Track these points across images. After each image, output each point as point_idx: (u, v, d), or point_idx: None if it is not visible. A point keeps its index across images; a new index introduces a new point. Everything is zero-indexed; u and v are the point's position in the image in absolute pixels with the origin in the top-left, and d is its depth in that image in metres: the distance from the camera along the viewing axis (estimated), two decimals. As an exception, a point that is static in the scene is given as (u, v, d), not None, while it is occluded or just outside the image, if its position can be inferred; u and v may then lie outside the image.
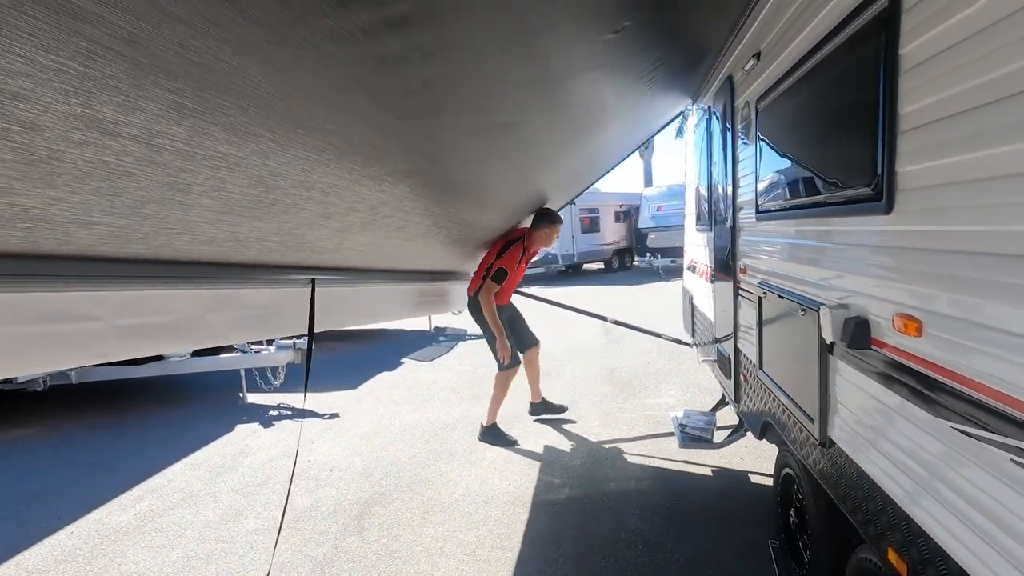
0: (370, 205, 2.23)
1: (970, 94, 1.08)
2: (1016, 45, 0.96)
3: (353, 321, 3.35)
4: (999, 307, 1.03)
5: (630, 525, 3.15)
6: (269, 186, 1.64)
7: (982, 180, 1.07)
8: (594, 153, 3.92)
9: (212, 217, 1.66)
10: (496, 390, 4.51)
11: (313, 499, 3.69)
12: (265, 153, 1.45)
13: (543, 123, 2.47)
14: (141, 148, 1.18)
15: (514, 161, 2.83)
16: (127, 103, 1.03)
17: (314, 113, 1.40)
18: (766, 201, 2.46)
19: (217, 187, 1.50)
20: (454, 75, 1.56)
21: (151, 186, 1.36)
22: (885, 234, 1.42)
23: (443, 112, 1.78)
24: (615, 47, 1.99)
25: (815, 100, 1.91)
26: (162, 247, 1.74)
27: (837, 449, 1.77)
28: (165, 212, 1.52)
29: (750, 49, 2.59)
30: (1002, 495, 1.03)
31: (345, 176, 1.84)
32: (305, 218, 2.02)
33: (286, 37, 1.07)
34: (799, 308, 1.98)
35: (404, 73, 1.41)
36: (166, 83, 1.02)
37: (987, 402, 1.06)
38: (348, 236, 2.45)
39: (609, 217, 18.77)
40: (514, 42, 1.57)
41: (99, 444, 4.98)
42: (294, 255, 2.35)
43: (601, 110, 2.81)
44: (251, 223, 1.83)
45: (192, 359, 5.92)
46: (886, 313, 1.42)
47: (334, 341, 9.27)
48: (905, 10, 1.29)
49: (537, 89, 1.99)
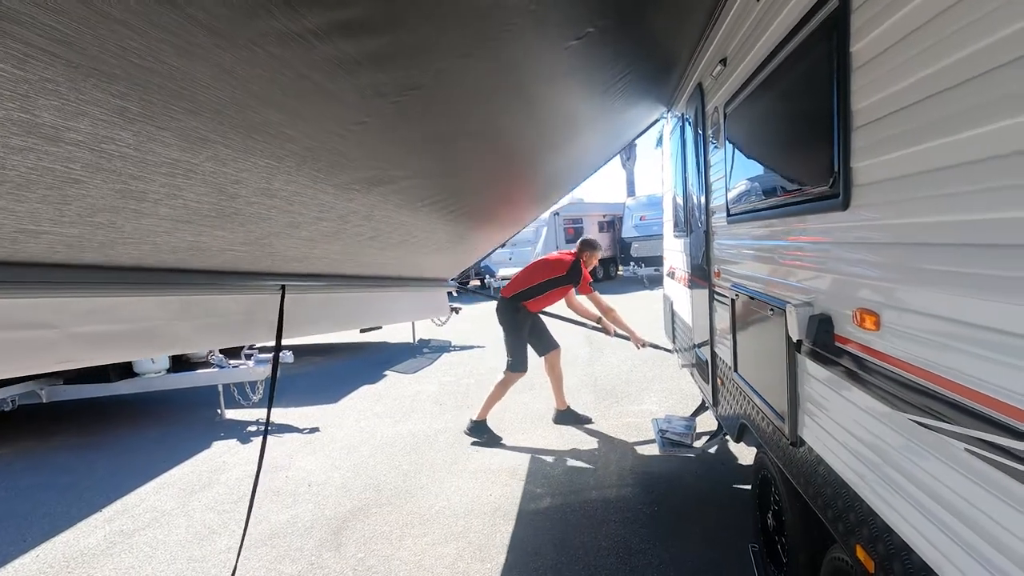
0: (339, 214, 2.19)
1: (916, 87, 1.10)
2: (955, 37, 0.97)
3: (327, 328, 3.30)
4: (951, 298, 1.03)
5: (611, 533, 3.12)
6: (229, 194, 1.61)
7: (931, 172, 1.08)
8: (571, 159, 3.92)
9: (171, 226, 1.62)
10: (496, 389, 4.65)
11: (290, 515, 3.61)
12: (221, 160, 1.41)
13: (512, 129, 2.46)
14: (87, 154, 1.15)
15: (485, 169, 2.82)
16: (68, 107, 1.00)
17: (270, 118, 1.38)
18: (736, 204, 2.48)
19: (173, 195, 1.46)
20: (412, 80, 1.55)
21: (102, 194, 1.32)
22: (843, 230, 1.43)
23: (406, 119, 1.77)
24: (580, 53, 2.00)
25: (777, 102, 1.93)
26: (121, 256, 1.70)
27: (807, 448, 1.77)
28: (120, 221, 1.48)
29: (717, 55, 2.63)
30: (958, 485, 1.03)
31: (309, 185, 1.81)
32: (271, 227, 1.98)
33: (232, 39, 1.05)
34: (768, 308, 1.99)
35: (360, 78, 1.40)
36: (108, 87, 1.00)
37: (943, 393, 1.06)
38: (318, 245, 2.41)
39: (593, 227, 18.86)
40: (474, 47, 1.57)
41: (69, 465, 4.84)
42: (263, 263, 2.31)
43: (571, 115, 2.82)
44: (213, 232, 1.79)
45: (168, 375, 5.80)
46: (847, 309, 1.42)
47: (316, 355, 9.16)
48: (854, 9, 1.31)
49: (503, 94, 1.99)
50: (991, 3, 0.89)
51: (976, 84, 0.94)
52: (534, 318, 4.82)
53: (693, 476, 3.74)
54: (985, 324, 0.95)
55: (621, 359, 7.01)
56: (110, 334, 1.90)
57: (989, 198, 0.93)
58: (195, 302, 2.18)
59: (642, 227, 17.34)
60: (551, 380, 4.93)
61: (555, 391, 4.95)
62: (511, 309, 4.68)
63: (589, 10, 1.77)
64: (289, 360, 5.88)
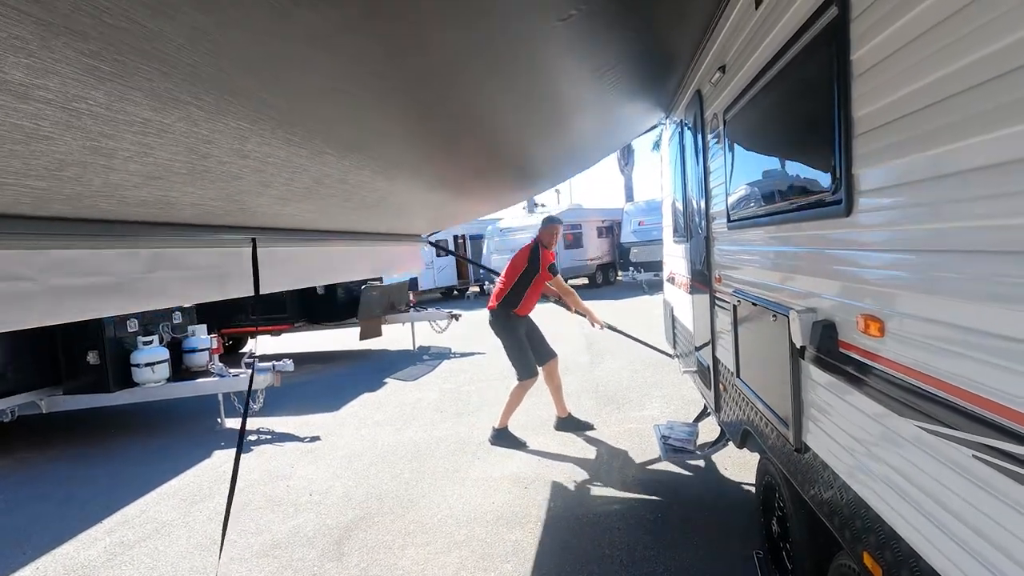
0: (312, 177, 2.17)
1: (918, 95, 1.10)
2: (957, 45, 0.98)
3: (300, 282, 3.33)
4: (956, 303, 1.04)
5: (615, 540, 3.10)
6: (201, 153, 1.59)
7: (933, 179, 1.08)
8: (559, 144, 3.85)
9: (140, 182, 1.62)
10: (512, 397, 4.67)
11: (292, 525, 3.60)
12: (194, 120, 1.40)
13: (492, 103, 2.37)
14: (57, 112, 1.15)
15: (464, 142, 2.76)
16: (37, 65, 0.99)
17: (246, 82, 1.35)
18: (737, 210, 2.49)
19: (144, 153, 1.46)
20: (390, 49, 1.52)
21: (71, 150, 1.32)
22: (846, 236, 1.44)
23: (383, 89, 1.73)
24: (565, 36, 1.96)
25: (777, 109, 1.94)
26: (89, 209, 1.69)
27: (812, 454, 1.76)
28: (89, 176, 1.48)
29: (716, 62, 2.65)
30: (965, 491, 1.03)
31: (282, 147, 1.79)
32: (243, 186, 1.97)
33: (208, 1, 1.04)
34: (771, 314, 1.99)
35: (337, 47, 1.38)
36: (79, 45, 0.99)
37: (949, 399, 1.06)
38: (290, 203, 2.39)
39: (592, 233, 18.90)
40: (453, 18, 1.52)
41: (69, 476, 4.82)
42: (234, 217, 2.30)
43: (556, 98, 2.73)
44: (184, 188, 1.78)
45: (168, 385, 5.79)
46: (851, 315, 1.43)
47: (316, 363, 9.15)
48: (853, 18, 1.32)
49: (483, 68, 1.91)
50: (990, 13, 0.90)
51: (976, 92, 0.94)
52: (529, 325, 4.78)
53: (696, 482, 3.73)
54: (990, 330, 0.95)
55: (622, 364, 7.00)
56: (86, 287, 1.90)
57: (989, 205, 0.94)
58: (166, 255, 2.19)
59: (641, 232, 17.37)
60: (550, 389, 4.92)
61: (555, 399, 4.95)
62: (502, 317, 4.65)
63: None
64: (289, 368, 5.86)
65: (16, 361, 5.31)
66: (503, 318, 4.65)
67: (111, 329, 5.54)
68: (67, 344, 5.57)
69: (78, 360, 5.53)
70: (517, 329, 4.66)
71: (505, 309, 4.63)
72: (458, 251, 19.74)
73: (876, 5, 1.22)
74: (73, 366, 5.58)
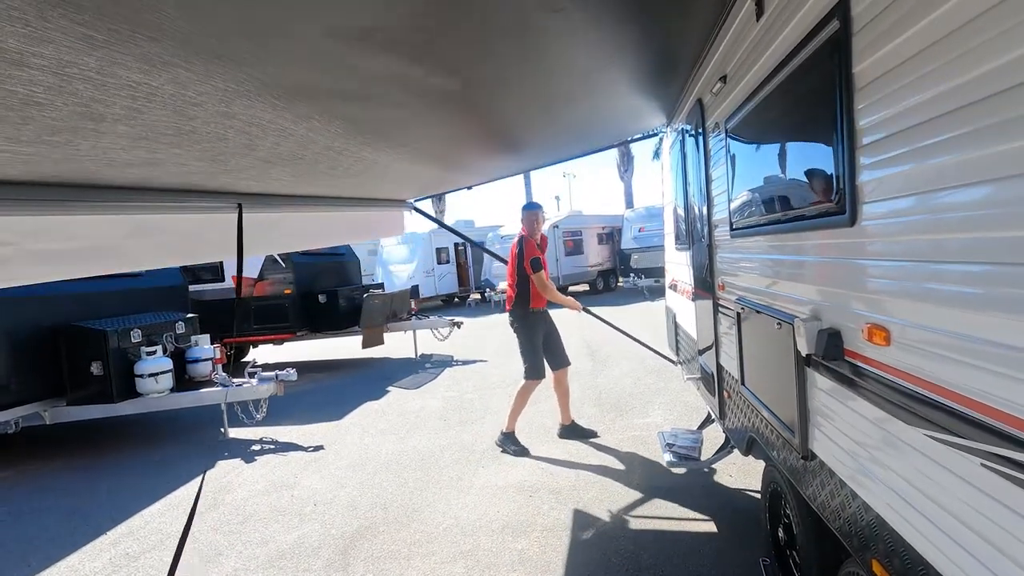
0: (298, 142, 2.19)
1: (920, 108, 1.12)
2: (958, 61, 1.00)
3: (284, 246, 3.37)
4: (960, 312, 1.05)
5: (621, 548, 3.10)
6: (188, 116, 1.61)
7: (935, 191, 1.10)
8: (550, 122, 3.81)
9: (127, 143, 1.64)
10: (517, 399, 4.76)
11: (297, 535, 3.59)
12: (182, 83, 1.42)
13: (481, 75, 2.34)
14: (50, 78, 1.17)
15: (451, 114, 2.73)
16: (33, 34, 1.02)
17: (235, 46, 1.37)
18: (739, 219, 2.50)
19: (132, 116, 1.49)
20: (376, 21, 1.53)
21: (62, 116, 1.34)
22: (851, 246, 1.45)
23: (369, 57, 1.71)
24: (562, 27, 1.96)
25: (779, 119, 1.97)
26: (74, 172, 1.70)
27: (819, 462, 1.77)
28: (78, 140, 1.51)
29: (717, 72, 2.67)
30: (973, 499, 1.04)
31: (268, 110, 1.80)
32: (228, 147, 1.98)
33: None
34: (776, 322, 2.01)
35: (326, 17, 1.39)
36: (75, 16, 1.01)
37: (956, 408, 1.07)
38: (274, 167, 2.39)
39: (592, 239, 18.94)
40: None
41: (73, 487, 4.82)
42: (218, 180, 2.30)
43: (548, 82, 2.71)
44: (170, 149, 1.80)
45: (171, 395, 5.79)
46: (857, 323, 1.44)
47: (319, 372, 9.15)
48: (855, 32, 1.34)
49: (473, 41, 1.89)
50: (989, 32, 0.92)
51: (976, 108, 0.96)
52: (549, 328, 4.86)
53: (701, 490, 3.73)
54: (991, 339, 0.97)
55: (624, 371, 7.01)
56: (64, 252, 1.92)
57: (987, 217, 0.96)
58: (149, 221, 2.20)
59: (641, 239, 17.40)
60: (558, 395, 4.95)
61: (561, 406, 4.96)
62: (519, 316, 4.76)
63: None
64: (292, 377, 5.87)
65: (19, 372, 5.32)
66: (520, 316, 4.76)
67: (115, 339, 5.56)
68: (71, 355, 5.57)
69: (82, 371, 5.54)
70: (535, 327, 4.73)
71: (521, 307, 4.74)
72: (458, 258, 19.79)
73: (878, 20, 1.25)
74: (77, 377, 5.58)
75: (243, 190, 2.57)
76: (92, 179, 1.82)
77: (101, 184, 1.89)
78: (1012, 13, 0.88)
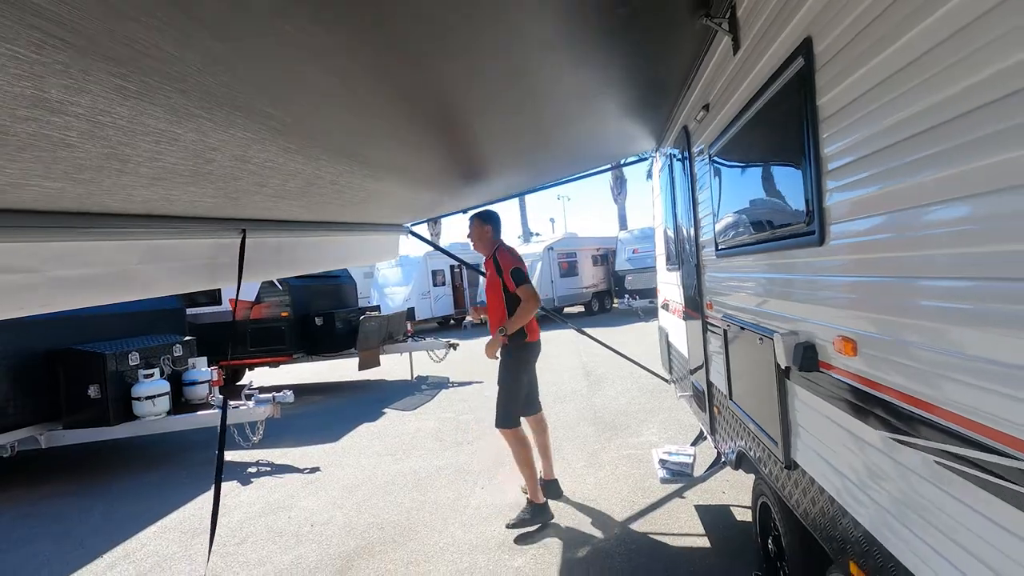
0: (306, 180, 2.32)
1: (878, 136, 1.23)
2: (912, 92, 1.11)
3: (286, 271, 3.43)
4: (922, 323, 1.15)
5: (615, 566, 3.13)
6: (206, 159, 1.73)
7: (895, 211, 1.21)
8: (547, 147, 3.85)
9: (147, 183, 1.75)
10: (518, 458, 3.72)
11: (294, 556, 3.60)
12: (204, 131, 1.53)
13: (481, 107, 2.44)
14: (84, 124, 1.29)
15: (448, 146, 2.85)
16: (74, 86, 1.13)
17: (254, 99, 1.49)
18: (724, 239, 2.62)
19: (154, 158, 1.60)
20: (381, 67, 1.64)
21: (90, 157, 1.45)
22: (820, 264, 1.56)
23: (373, 100, 1.83)
24: (555, 60, 2.09)
25: (756, 146, 2.09)
26: (93, 204, 1.82)
27: (800, 471, 1.85)
28: (100, 178, 1.62)
29: (700, 101, 2.82)
30: (931, 495, 1.12)
31: (281, 154, 1.93)
32: (240, 186, 2.10)
33: (225, 32, 1.16)
34: (758, 337, 2.10)
35: (337, 65, 1.50)
36: (113, 69, 1.12)
37: (916, 412, 1.16)
38: (282, 201, 2.51)
39: (587, 261, 19.10)
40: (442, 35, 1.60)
41: (68, 512, 4.80)
42: (226, 211, 2.42)
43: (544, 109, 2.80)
44: (186, 188, 1.91)
45: (168, 418, 5.80)
46: (829, 336, 1.54)
47: (315, 394, 9.15)
48: (818, 68, 1.47)
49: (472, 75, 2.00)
50: (936, 66, 1.03)
51: (930, 136, 1.07)
52: (531, 373, 3.99)
53: (695, 506, 3.77)
54: (947, 348, 1.06)
55: (619, 391, 7.06)
56: (83, 277, 2.01)
57: (943, 236, 1.06)
58: (161, 247, 2.31)
59: (635, 260, 17.58)
60: (539, 445, 4.09)
61: (543, 456, 4.14)
62: (515, 347, 3.76)
63: None
64: (289, 400, 5.90)
65: (16, 395, 5.33)
66: (515, 347, 3.76)
67: (113, 362, 5.58)
68: (68, 378, 5.59)
69: (79, 394, 5.55)
70: (528, 362, 3.85)
71: (516, 337, 3.71)
72: (454, 280, 19.88)
73: (837, 58, 1.37)
74: (73, 400, 5.59)
75: (249, 216, 2.68)
76: (108, 209, 1.93)
77: (113, 212, 2.00)
78: (953, 51, 0.98)
